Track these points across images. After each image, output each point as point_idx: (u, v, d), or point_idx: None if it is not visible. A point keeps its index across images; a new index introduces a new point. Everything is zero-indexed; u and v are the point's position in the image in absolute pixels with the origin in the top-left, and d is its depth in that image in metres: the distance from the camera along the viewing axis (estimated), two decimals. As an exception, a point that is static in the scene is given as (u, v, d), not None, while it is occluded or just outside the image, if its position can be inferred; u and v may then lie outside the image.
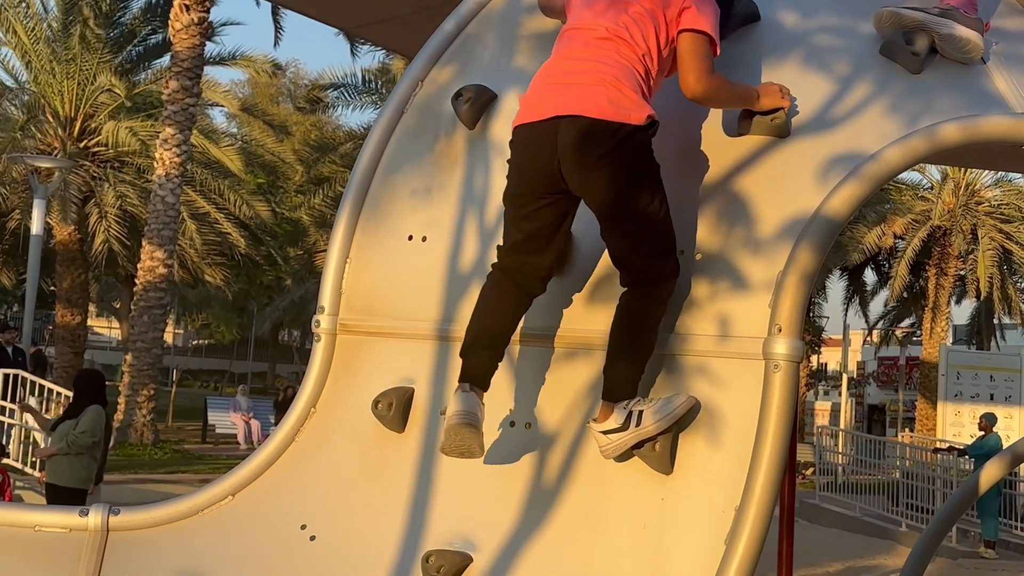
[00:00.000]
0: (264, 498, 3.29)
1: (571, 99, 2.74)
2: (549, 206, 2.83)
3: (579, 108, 2.73)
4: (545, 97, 2.80)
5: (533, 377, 2.96)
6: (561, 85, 2.79)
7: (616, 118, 2.71)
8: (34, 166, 18.23)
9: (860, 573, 13.42)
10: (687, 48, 2.83)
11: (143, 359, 21.68)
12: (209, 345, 54.65)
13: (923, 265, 33.23)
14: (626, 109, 2.73)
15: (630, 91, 2.75)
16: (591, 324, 2.99)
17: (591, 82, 2.75)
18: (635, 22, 2.83)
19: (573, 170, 2.76)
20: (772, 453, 2.63)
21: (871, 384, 46.38)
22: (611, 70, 2.76)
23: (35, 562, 3.18)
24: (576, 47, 2.85)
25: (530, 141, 2.81)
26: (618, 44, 2.80)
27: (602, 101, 2.72)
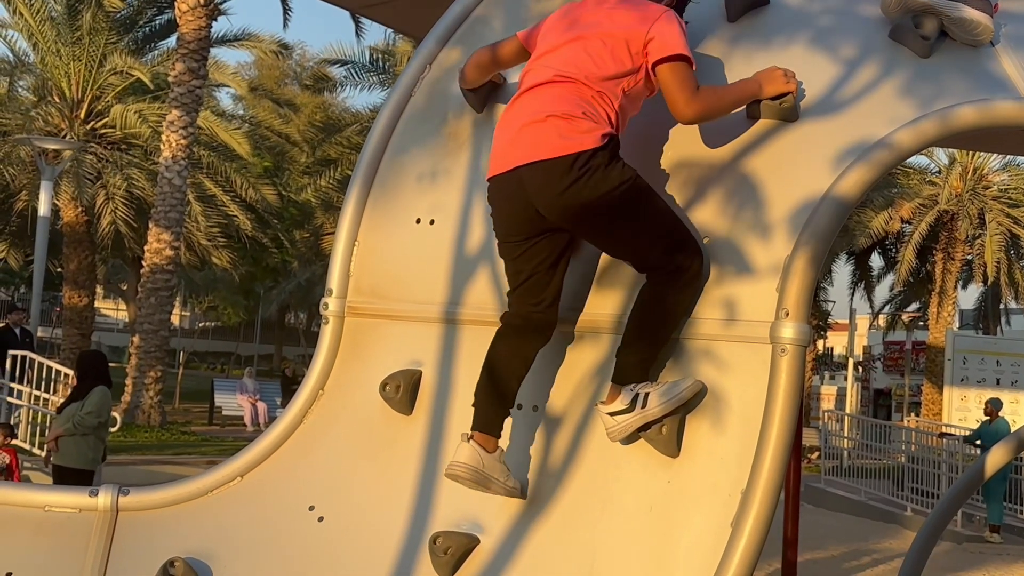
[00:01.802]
0: (272, 479, 3.30)
1: (526, 147, 2.80)
2: (543, 242, 2.88)
3: (534, 154, 2.77)
4: (505, 150, 2.86)
5: (540, 360, 2.96)
6: (517, 134, 2.84)
7: (570, 150, 2.75)
8: (41, 148, 18.23)
9: (865, 557, 13.45)
10: (666, 80, 2.83)
11: (150, 341, 21.74)
12: (216, 327, 54.77)
13: (930, 250, 33.16)
14: (577, 139, 2.76)
15: (578, 120, 2.78)
16: (598, 308, 3.00)
17: (540, 124, 2.80)
18: (590, 58, 2.84)
19: (550, 210, 2.82)
20: (778, 437, 2.64)
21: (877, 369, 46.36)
22: (558, 106, 2.80)
23: (45, 542, 3.20)
24: (528, 95, 2.88)
25: (503, 193, 2.88)
26: (566, 85, 2.83)
27: (553, 140, 2.76)
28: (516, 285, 2.94)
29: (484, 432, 2.89)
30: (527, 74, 2.94)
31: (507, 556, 2.91)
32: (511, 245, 2.93)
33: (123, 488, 3.30)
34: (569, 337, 3.04)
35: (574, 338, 3.03)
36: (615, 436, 2.82)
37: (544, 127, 2.79)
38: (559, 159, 2.75)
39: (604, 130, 2.79)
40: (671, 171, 3.00)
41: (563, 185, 2.75)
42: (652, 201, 2.83)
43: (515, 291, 2.95)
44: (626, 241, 2.84)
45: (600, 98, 2.82)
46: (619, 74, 2.84)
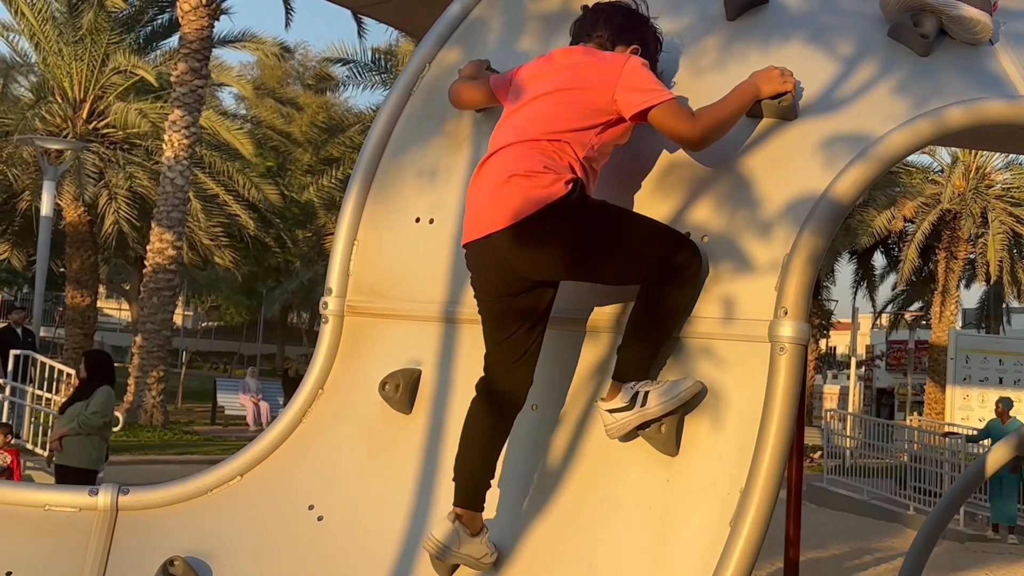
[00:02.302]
0: (272, 478, 3.31)
1: (496, 212, 2.79)
2: (529, 297, 2.86)
3: (504, 219, 2.77)
4: (477, 216, 2.86)
5: (541, 360, 2.96)
6: (487, 200, 2.83)
7: (537, 207, 2.74)
8: (44, 147, 18.25)
9: (867, 556, 13.44)
10: (660, 124, 2.83)
11: (153, 341, 21.76)
12: (218, 327, 54.78)
13: (933, 248, 33.13)
14: (542, 195, 2.75)
15: (539, 175, 2.77)
16: (597, 307, 2.99)
17: (505, 186, 2.79)
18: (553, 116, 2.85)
19: (535, 268, 2.82)
20: (777, 436, 2.64)
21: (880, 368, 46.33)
22: (519, 164, 2.79)
23: (46, 541, 3.20)
24: (493, 158, 2.87)
25: (481, 259, 2.88)
26: (526, 144, 2.82)
27: (519, 202, 2.75)
28: (499, 341, 2.90)
29: (470, 508, 2.87)
30: (494, 137, 2.94)
31: (506, 555, 2.91)
32: (496, 303, 2.90)
33: (123, 487, 3.30)
34: (569, 336, 3.04)
35: (574, 337, 3.03)
36: (613, 433, 2.82)
37: (508, 188, 2.78)
38: (528, 219, 2.74)
39: (567, 177, 2.78)
40: (669, 170, 3.00)
41: (539, 241, 2.76)
42: (632, 220, 2.85)
43: (496, 348, 2.91)
44: (622, 267, 2.83)
45: (561, 150, 2.82)
46: (584, 127, 2.84)
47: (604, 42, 3.00)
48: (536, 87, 2.92)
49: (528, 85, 2.95)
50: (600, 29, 3.01)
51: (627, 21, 3.02)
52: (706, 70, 3.12)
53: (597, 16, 3.05)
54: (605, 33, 3.00)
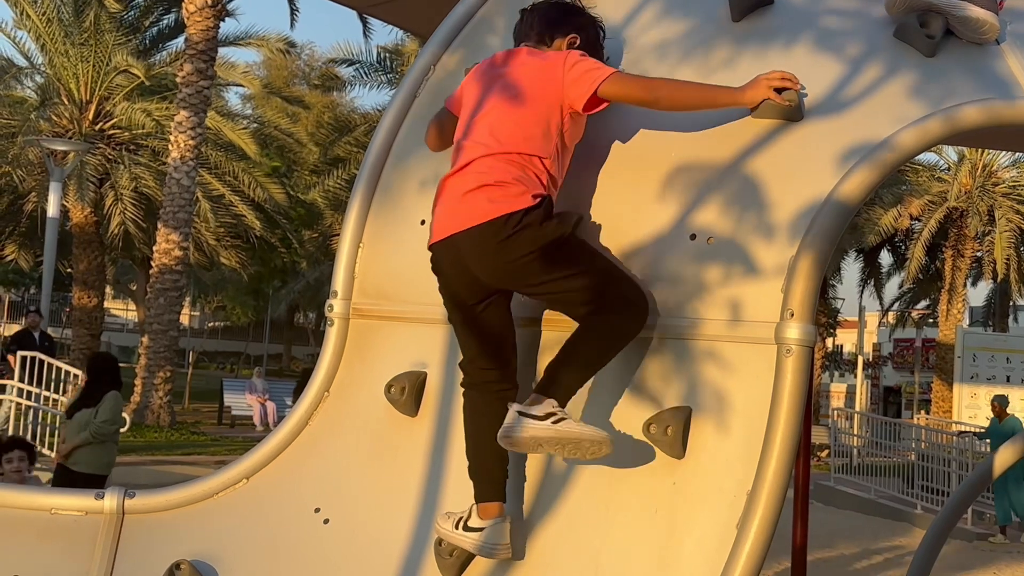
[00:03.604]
0: (278, 481, 3.31)
1: (461, 215, 2.82)
2: (489, 307, 2.89)
3: (467, 220, 2.80)
4: (441, 219, 2.88)
5: (544, 361, 2.95)
6: (454, 204, 2.86)
7: (501, 212, 2.77)
8: (50, 149, 18.29)
9: (875, 555, 13.42)
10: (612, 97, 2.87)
11: (159, 341, 21.80)
12: (225, 327, 54.83)
13: (939, 246, 33.10)
14: (507, 201, 2.78)
15: (510, 184, 2.80)
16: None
17: (473, 193, 2.81)
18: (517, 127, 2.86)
19: (487, 272, 2.84)
20: (784, 438, 2.63)
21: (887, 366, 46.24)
22: (490, 176, 2.81)
23: (51, 544, 3.21)
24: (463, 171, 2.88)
25: (444, 261, 2.90)
26: (497, 157, 2.84)
27: (484, 205, 2.78)
28: (469, 351, 2.95)
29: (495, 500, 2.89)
30: (459, 151, 2.94)
31: (512, 558, 2.91)
32: (459, 311, 2.93)
33: (129, 491, 3.31)
34: (573, 338, 3.02)
35: (579, 339, 3.02)
36: (516, 435, 2.75)
37: (477, 195, 2.81)
38: (491, 221, 2.77)
39: (536, 191, 2.81)
40: (675, 172, 2.99)
41: (496, 245, 2.77)
42: (589, 251, 2.86)
43: (469, 358, 2.96)
44: (569, 292, 2.82)
45: (531, 164, 2.84)
46: (546, 133, 2.87)
47: (542, 38, 3.05)
48: (489, 94, 2.94)
49: (480, 91, 2.97)
50: (535, 28, 3.07)
51: (558, 14, 3.08)
52: (714, 70, 3.11)
53: (532, 16, 3.11)
54: (540, 30, 3.06)
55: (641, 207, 3.01)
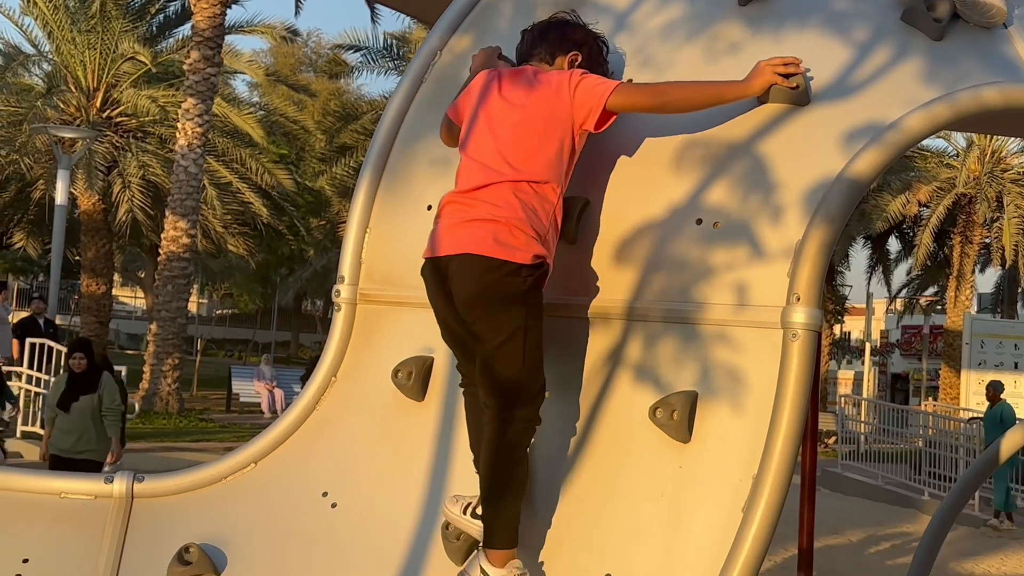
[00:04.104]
0: (286, 466, 3.32)
1: (460, 238, 2.84)
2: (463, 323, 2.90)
3: (466, 246, 2.81)
4: (443, 237, 2.89)
5: (550, 347, 2.96)
6: (455, 225, 2.87)
7: (501, 256, 2.78)
8: (57, 136, 18.32)
9: (882, 541, 13.43)
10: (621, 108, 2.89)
11: (168, 328, 21.86)
12: (233, 315, 54.97)
13: (948, 233, 33.01)
14: (511, 249, 2.79)
15: (520, 233, 2.81)
16: (608, 294, 2.99)
17: (482, 224, 2.82)
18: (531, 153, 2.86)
19: (459, 299, 2.85)
20: (790, 422, 2.63)
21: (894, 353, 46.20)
22: (503, 211, 2.82)
23: (62, 528, 3.23)
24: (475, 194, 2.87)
25: (433, 276, 2.93)
26: (509, 186, 2.84)
27: (488, 241, 2.79)
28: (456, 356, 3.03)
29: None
30: (468, 170, 2.92)
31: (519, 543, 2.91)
32: (445, 323, 2.97)
33: (138, 475, 3.32)
34: (579, 323, 3.03)
35: (584, 325, 3.03)
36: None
37: (484, 227, 2.81)
38: (487, 258, 2.78)
39: (538, 251, 2.82)
40: (683, 155, 2.99)
41: (478, 283, 2.79)
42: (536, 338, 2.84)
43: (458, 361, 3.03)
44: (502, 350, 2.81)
45: (542, 195, 2.85)
46: (559, 156, 2.88)
47: (544, 57, 3.05)
48: (498, 114, 2.92)
49: (487, 109, 2.95)
50: (537, 47, 3.07)
51: (559, 33, 3.08)
52: (720, 55, 3.11)
53: (532, 36, 3.12)
54: (542, 50, 3.06)
55: (647, 192, 3.01)
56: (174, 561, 3.09)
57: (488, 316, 2.81)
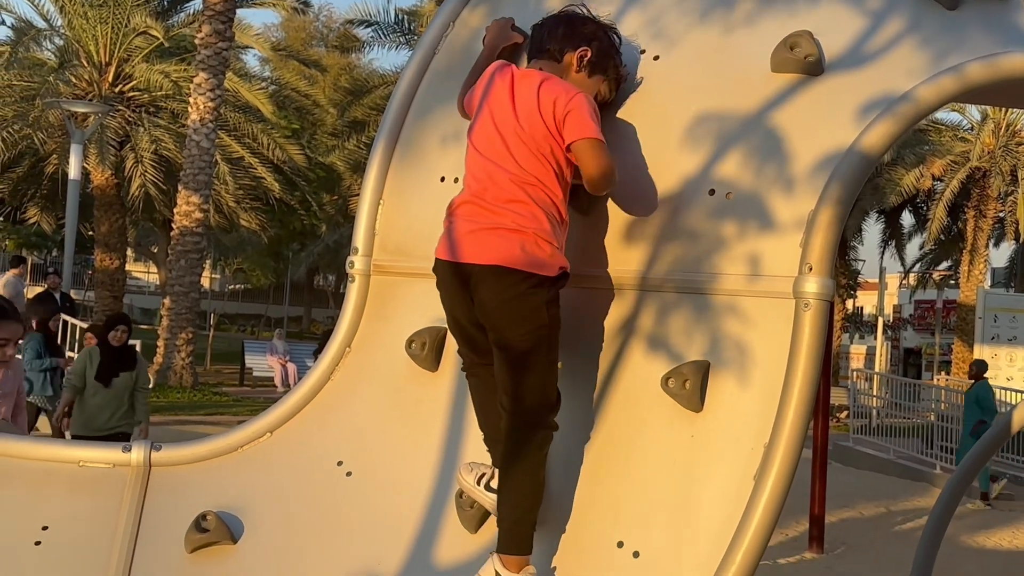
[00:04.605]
0: (301, 435, 3.36)
1: (487, 248, 2.82)
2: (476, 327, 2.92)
3: (493, 258, 2.81)
4: (463, 241, 2.87)
5: (564, 318, 2.98)
6: (482, 231, 2.85)
7: (527, 268, 2.79)
8: (70, 111, 18.34)
9: (894, 515, 13.47)
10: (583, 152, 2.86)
11: (181, 303, 21.95)
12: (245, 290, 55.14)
13: (961, 207, 32.86)
14: (538, 260, 2.81)
15: (545, 243, 2.82)
16: (621, 264, 3.00)
17: (509, 233, 2.81)
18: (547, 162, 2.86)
19: (480, 308, 2.86)
20: (801, 391, 2.64)
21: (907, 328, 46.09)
22: (529, 222, 2.82)
23: (80, 496, 3.27)
24: (494, 188, 2.86)
25: (450, 280, 2.92)
26: (535, 189, 2.84)
27: (516, 251, 2.79)
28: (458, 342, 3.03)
29: None
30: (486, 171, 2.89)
31: (532, 510, 2.94)
32: (454, 322, 2.99)
33: (155, 444, 3.36)
34: (592, 294, 3.05)
35: (598, 295, 3.05)
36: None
37: (512, 237, 2.81)
38: (516, 271, 2.79)
39: (562, 263, 2.85)
40: (694, 127, 2.99)
41: (505, 294, 2.80)
42: (551, 354, 2.87)
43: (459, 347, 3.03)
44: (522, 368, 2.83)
45: (562, 207, 2.87)
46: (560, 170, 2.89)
47: (553, 54, 3.03)
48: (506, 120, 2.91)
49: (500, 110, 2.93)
50: (547, 42, 3.05)
51: (567, 28, 3.05)
52: (735, 27, 3.10)
53: (541, 32, 3.08)
54: (551, 46, 3.04)
55: (660, 162, 3.01)
56: (192, 528, 3.13)
57: (512, 327, 2.82)
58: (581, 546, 2.86)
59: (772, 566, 9.90)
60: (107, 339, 9.26)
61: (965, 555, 11.20)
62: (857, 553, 11.03)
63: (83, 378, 9.07)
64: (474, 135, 2.97)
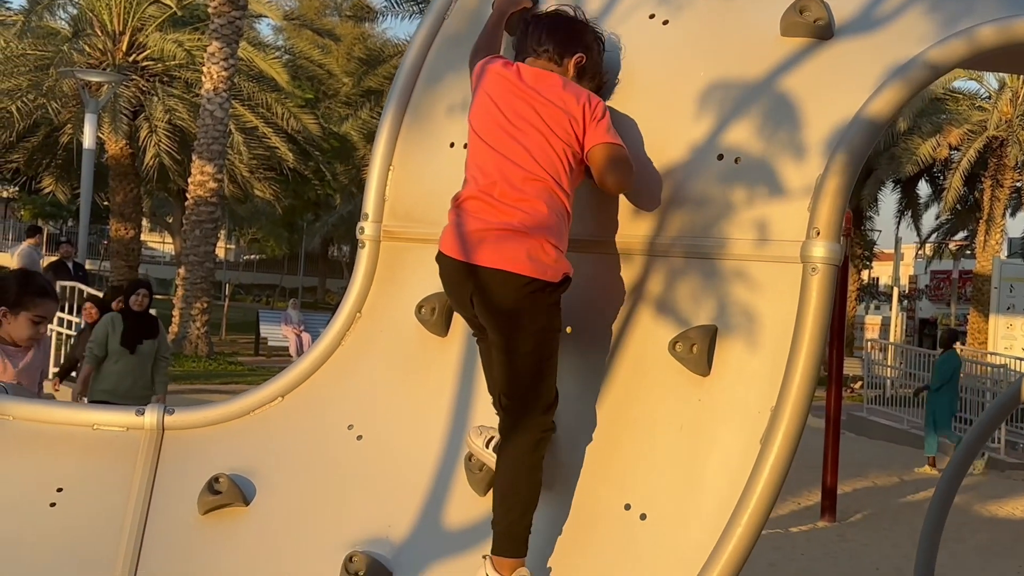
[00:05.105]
0: (312, 399, 3.38)
1: (493, 252, 2.81)
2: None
3: (499, 262, 2.80)
4: (471, 241, 2.85)
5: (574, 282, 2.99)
6: (490, 231, 2.83)
7: (532, 274, 2.78)
8: (84, 80, 18.36)
9: (907, 484, 13.49)
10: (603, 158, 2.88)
11: (196, 273, 22.04)
12: (260, 260, 55.32)
13: (978, 177, 32.64)
14: (543, 266, 2.80)
15: (552, 248, 2.81)
16: (630, 230, 3.01)
17: (516, 235, 2.80)
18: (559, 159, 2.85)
19: (482, 309, 2.87)
20: (808, 355, 2.65)
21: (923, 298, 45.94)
22: (538, 223, 2.80)
23: (95, 459, 3.30)
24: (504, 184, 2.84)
25: (451, 275, 2.92)
26: (546, 186, 2.83)
27: (521, 255, 2.78)
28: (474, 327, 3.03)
29: None
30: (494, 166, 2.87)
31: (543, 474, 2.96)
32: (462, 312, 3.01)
33: (168, 408, 3.39)
34: (601, 259, 3.06)
35: (606, 260, 3.06)
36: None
37: (519, 241, 2.79)
38: (521, 276, 2.78)
39: (566, 268, 2.85)
40: (703, 93, 2.99)
41: (509, 298, 2.80)
42: (549, 363, 2.88)
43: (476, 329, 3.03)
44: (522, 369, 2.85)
45: (569, 203, 2.88)
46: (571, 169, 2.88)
47: (552, 56, 3.00)
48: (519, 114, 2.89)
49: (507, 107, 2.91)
50: (545, 43, 3.00)
51: (569, 33, 3.03)
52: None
53: (539, 30, 3.03)
54: (551, 47, 3.00)
55: (668, 128, 3.01)
56: (204, 490, 3.17)
57: (515, 329, 2.83)
58: (589, 509, 2.89)
59: (784, 534, 9.94)
60: (128, 305, 9.20)
61: (978, 524, 11.23)
62: (870, 522, 11.07)
63: (104, 347, 8.98)
64: (479, 126, 2.94)
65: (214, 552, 3.13)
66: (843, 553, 9.58)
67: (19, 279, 4.02)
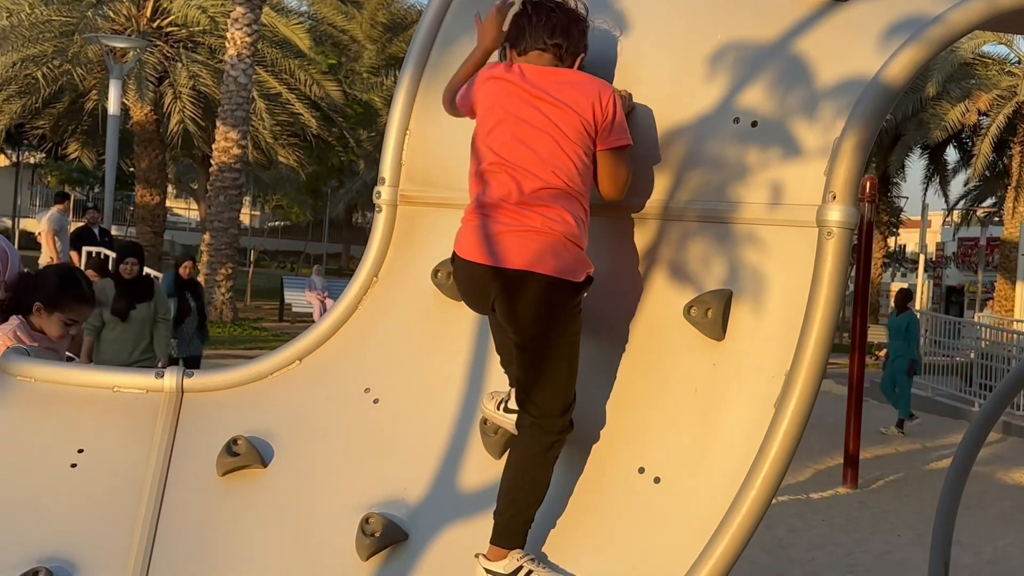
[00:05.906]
0: (329, 363, 3.41)
1: (516, 253, 2.78)
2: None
3: (523, 263, 2.77)
4: (490, 243, 2.82)
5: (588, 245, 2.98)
6: (510, 234, 2.80)
7: (554, 273, 2.77)
8: (109, 46, 18.40)
9: (929, 451, 13.46)
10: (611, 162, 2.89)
11: (220, 239, 22.15)
12: (284, 227, 55.48)
13: (1007, 142, 32.27)
14: (569, 266, 2.79)
15: (574, 247, 2.80)
16: (642, 195, 3.00)
17: (538, 232, 2.78)
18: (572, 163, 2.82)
19: (503, 309, 2.84)
20: (823, 319, 2.65)
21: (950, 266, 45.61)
22: (559, 226, 2.79)
23: (115, 420, 3.34)
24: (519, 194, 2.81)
25: (471, 278, 2.89)
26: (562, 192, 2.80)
27: (547, 255, 2.77)
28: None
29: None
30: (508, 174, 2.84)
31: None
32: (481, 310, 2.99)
33: (187, 371, 3.43)
34: (615, 224, 3.05)
35: (620, 225, 3.05)
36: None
37: (541, 240, 2.78)
38: (545, 276, 2.77)
39: (589, 269, 2.84)
40: (719, 55, 2.97)
41: (535, 299, 2.78)
42: (570, 364, 2.86)
43: None
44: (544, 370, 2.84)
45: (586, 203, 2.86)
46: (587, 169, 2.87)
47: (562, 53, 2.94)
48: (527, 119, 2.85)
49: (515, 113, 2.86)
50: (557, 38, 2.94)
51: (578, 34, 2.98)
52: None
53: (552, 23, 2.95)
54: (563, 44, 2.94)
55: (684, 90, 3.00)
56: (223, 452, 3.20)
57: (538, 332, 2.82)
58: (603, 471, 2.90)
59: (806, 501, 9.96)
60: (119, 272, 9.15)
61: (1000, 491, 11.20)
62: (891, 489, 11.07)
63: (100, 316, 8.82)
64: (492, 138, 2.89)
65: (232, 513, 3.17)
66: (864, 519, 9.59)
67: (61, 278, 3.99)
